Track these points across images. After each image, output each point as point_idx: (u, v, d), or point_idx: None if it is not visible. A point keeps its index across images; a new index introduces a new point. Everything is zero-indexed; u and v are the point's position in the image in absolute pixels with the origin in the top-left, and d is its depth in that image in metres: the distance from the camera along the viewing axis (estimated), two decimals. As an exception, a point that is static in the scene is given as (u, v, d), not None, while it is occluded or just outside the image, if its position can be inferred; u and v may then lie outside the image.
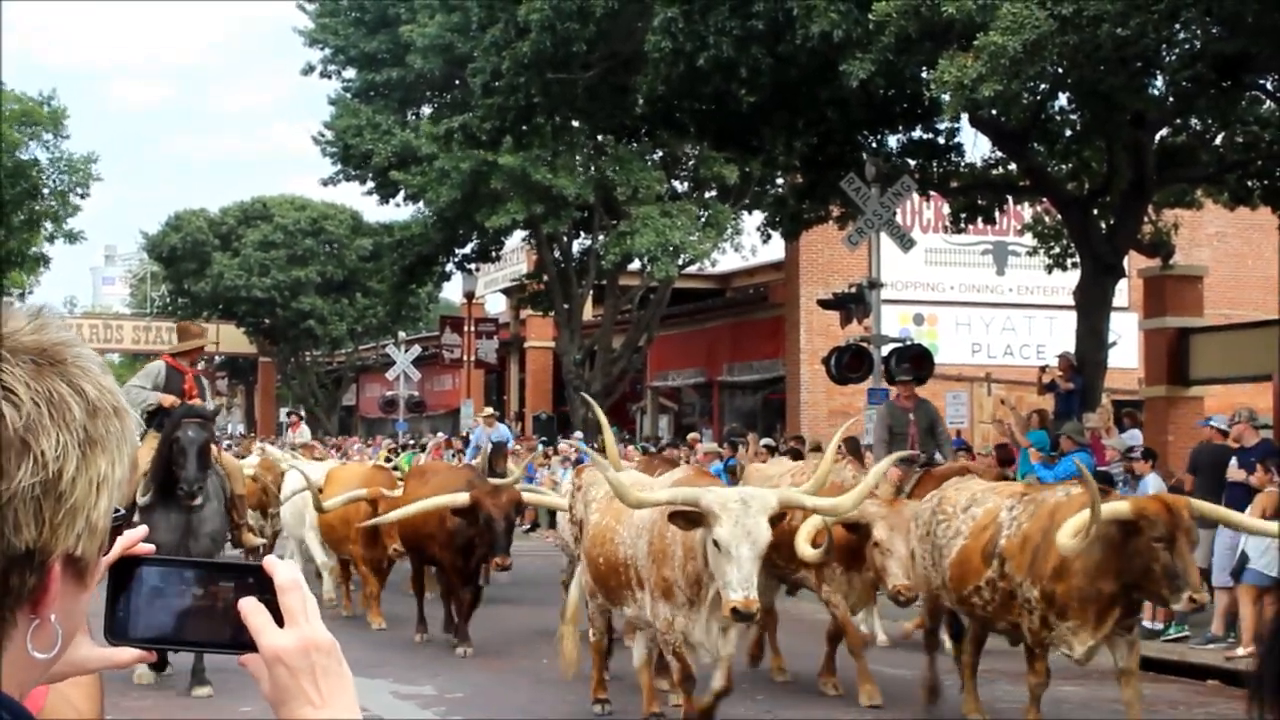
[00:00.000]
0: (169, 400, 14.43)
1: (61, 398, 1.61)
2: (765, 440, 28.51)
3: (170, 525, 13.82)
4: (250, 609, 1.74)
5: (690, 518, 9.59)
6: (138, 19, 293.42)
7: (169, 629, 1.77)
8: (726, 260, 39.52)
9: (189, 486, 13.69)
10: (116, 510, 1.70)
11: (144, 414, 14.50)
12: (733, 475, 24.01)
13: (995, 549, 11.27)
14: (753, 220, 33.78)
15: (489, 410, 30.11)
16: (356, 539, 17.80)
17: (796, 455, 22.95)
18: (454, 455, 28.07)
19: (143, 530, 1.83)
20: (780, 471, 14.78)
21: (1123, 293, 29.81)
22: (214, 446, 14.86)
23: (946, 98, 18.63)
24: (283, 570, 1.77)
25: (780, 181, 30.53)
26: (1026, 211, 30.35)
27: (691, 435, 32.36)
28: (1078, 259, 24.85)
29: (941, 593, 12.04)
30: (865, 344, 24.72)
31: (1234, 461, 17.30)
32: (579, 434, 34.37)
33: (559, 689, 13.82)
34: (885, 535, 12.28)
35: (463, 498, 15.32)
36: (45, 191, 40.45)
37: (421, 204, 38.46)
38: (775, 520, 9.80)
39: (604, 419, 12.32)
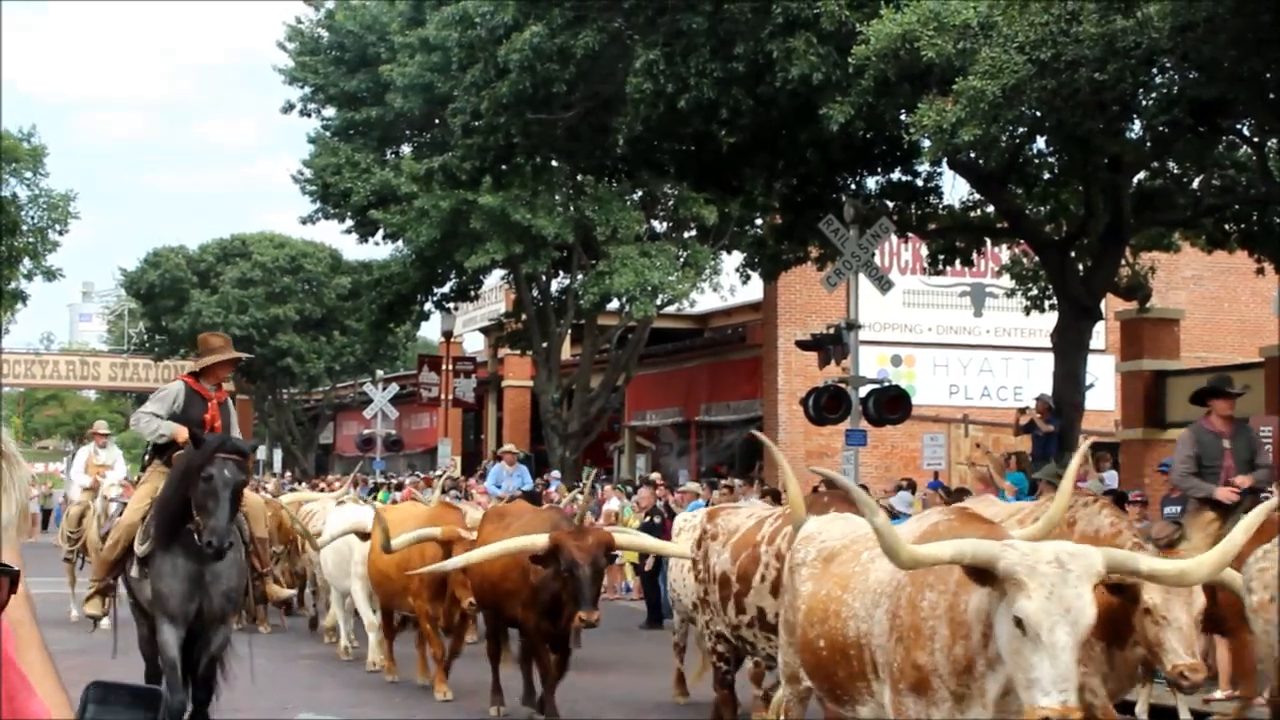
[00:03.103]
0: (183, 434, 11.97)
1: None
2: (731, 481, 28.46)
3: (179, 574, 11.63)
4: None
5: (981, 575, 6.92)
6: (117, 52, 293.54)
7: None
8: (705, 300, 39.58)
9: (218, 540, 11.18)
10: (5, 567, 1.70)
11: (153, 444, 12.57)
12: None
13: None
14: (731, 261, 33.86)
15: (509, 446, 28.10)
16: (419, 591, 15.57)
17: (775, 497, 22.94)
18: (443, 492, 27.10)
19: None
20: (1000, 515, 11.32)
21: (1100, 335, 29.90)
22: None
23: (926, 142, 18.76)
24: None
25: (759, 222, 30.61)
26: (1004, 253, 30.46)
27: (653, 476, 32.09)
28: (1055, 301, 24.95)
29: None
30: (843, 385, 24.74)
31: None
32: (556, 473, 34.32)
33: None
34: (1159, 599, 9.04)
35: (541, 540, 12.98)
36: (24, 228, 40.37)
37: (400, 243, 38.44)
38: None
39: (782, 459, 9.82)
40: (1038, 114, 18.90)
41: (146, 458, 13.08)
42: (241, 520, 12.23)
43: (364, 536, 16.98)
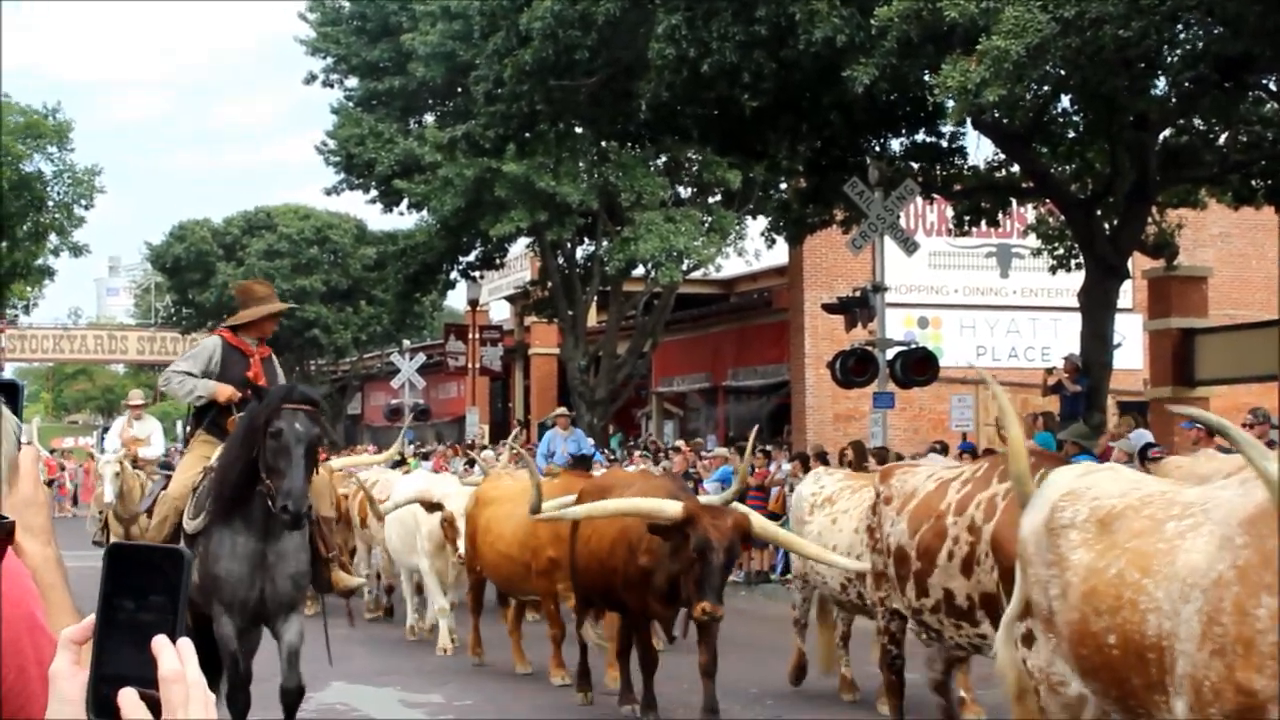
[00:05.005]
0: (225, 393, 10.51)
1: None
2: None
3: (238, 555, 9.98)
4: (129, 703, 1.74)
5: None
6: (141, 30, 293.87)
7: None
8: (730, 265, 39.54)
9: (295, 504, 9.48)
10: (2, 517, 1.72)
11: (193, 410, 11.13)
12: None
13: None
14: (756, 225, 33.83)
15: (562, 410, 26.72)
16: (552, 570, 13.83)
17: (804, 461, 22.95)
18: (469, 465, 27.17)
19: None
20: (1219, 469, 9.81)
21: (1127, 294, 29.80)
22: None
23: (951, 102, 18.71)
24: (168, 658, 1.76)
25: (784, 186, 30.56)
26: (1030, 213, 30.36)
27: (678, 443, 31.95)
28: (1082, 260, 24.88)
29: None
30: (870, 348, 24.73)
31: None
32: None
33: (568, 696, 13.82)
34: None
35: (673, 507, 10.99)
36: (50, 204, 40.54)
37: (425, 212, 38.45)
38: None
39: (1005, 400, 8.37)
40: (1062, 72, 18.84)
41: (189, 429, 11.58)
42: None
43: (430, 508, 15.77)
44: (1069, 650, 6.58)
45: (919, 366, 24.64)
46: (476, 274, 42.52)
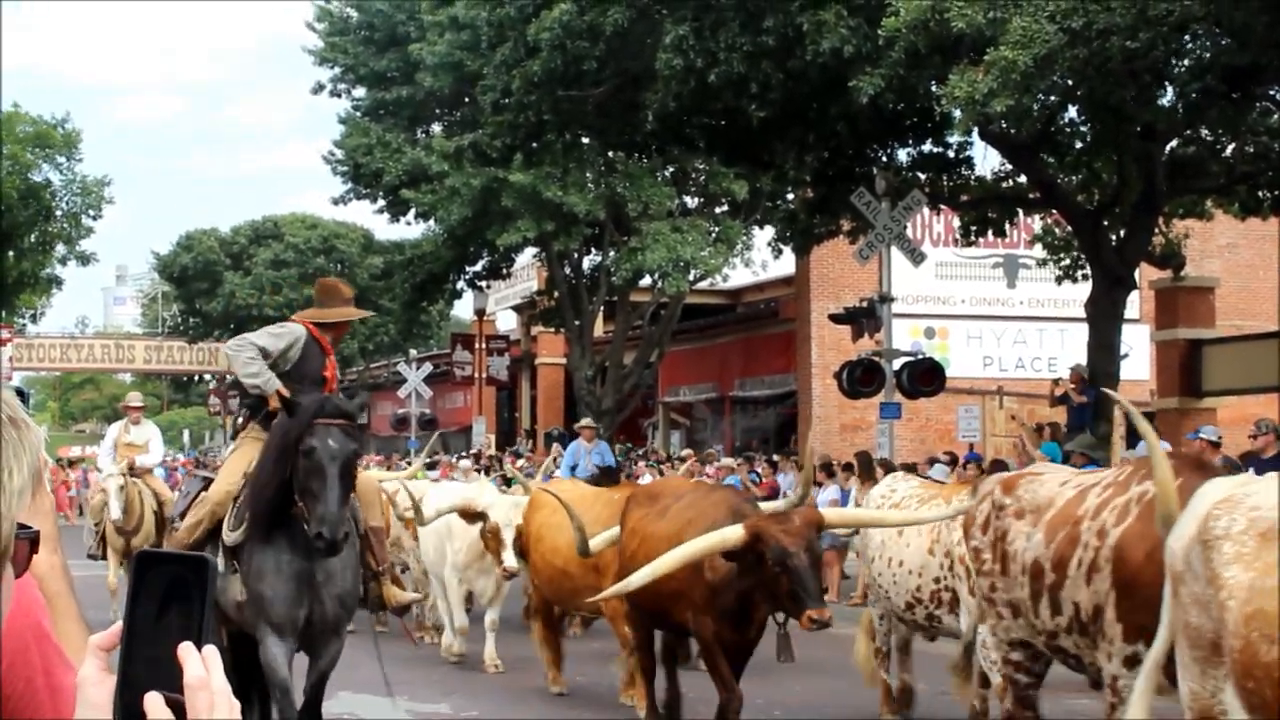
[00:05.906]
0: (276, 401, 9.50)
1: None
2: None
3: (282, 574, 9.25)
4: (155, 709, 1.75)
5: None
6: (150, 36, 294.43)
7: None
8: (737, 275, 39.49)
9: (330, 531, 8.82)
10: (26, 526, 1.73)
11: (246, 401, 10.38)
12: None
13: None
14: (763, 235, 33.83)
15: (587, 420, 26.99)
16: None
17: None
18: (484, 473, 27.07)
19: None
20: None
21: (1134, 304, 29.76)
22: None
23: (958, 113, 18.74)
24: (193, 665, 1.75)
25: (791, 196, 30.59)
26: (1037, 224, 30.36)
27: (684, 453, 31.95)
28: (1088, 271, 24.88)
29: None
30: (877, 358, 24.73)
31: (1251, 472, 17.21)
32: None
33: (574, 706, 13.82)
34: None
35: (734, 533, 9.79)
36: (58, 214, 40.53)
37: (432, 222, 38.43)
38: None
39: (1139, 416, 7.93)
40: (1069, 83, 18.87)
41: (240, 421, 10.70)
42: (355, 506, 9.74)
43: (472, 519, 14.85)
44: (1239, 686, 5.74)
45: (926, 377, 24.64)
46: (483, 284, 42.55)
